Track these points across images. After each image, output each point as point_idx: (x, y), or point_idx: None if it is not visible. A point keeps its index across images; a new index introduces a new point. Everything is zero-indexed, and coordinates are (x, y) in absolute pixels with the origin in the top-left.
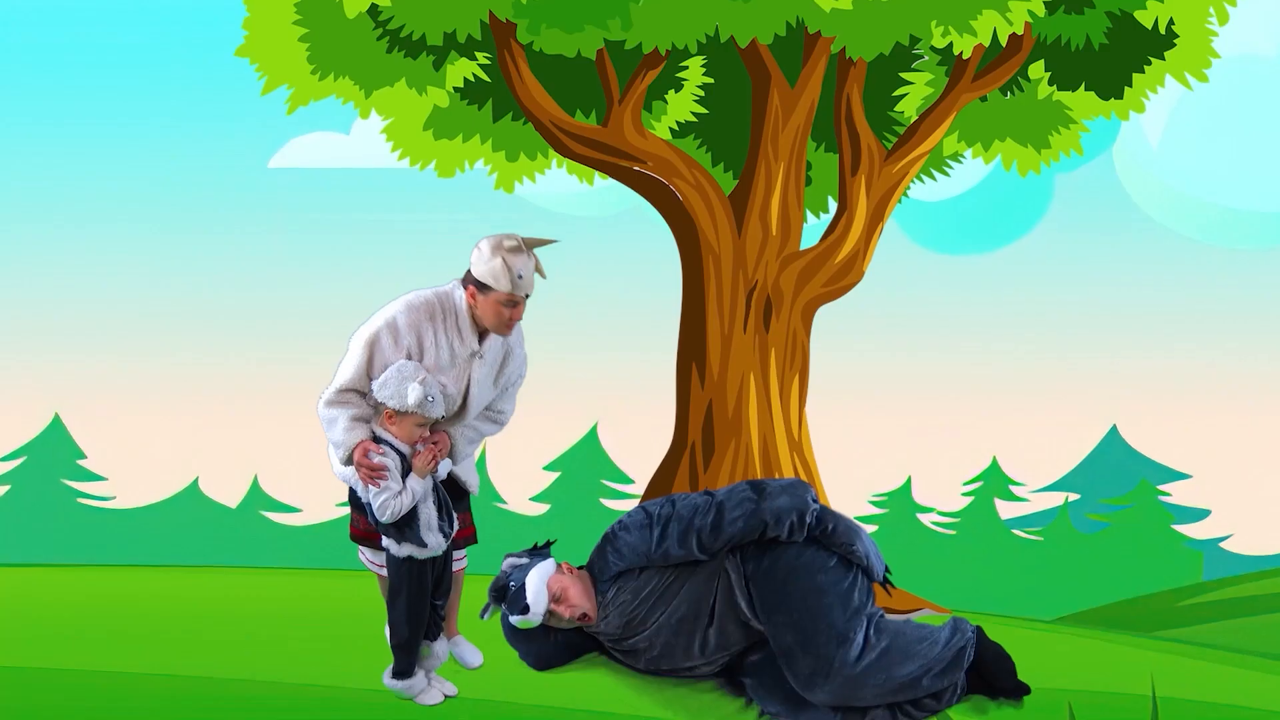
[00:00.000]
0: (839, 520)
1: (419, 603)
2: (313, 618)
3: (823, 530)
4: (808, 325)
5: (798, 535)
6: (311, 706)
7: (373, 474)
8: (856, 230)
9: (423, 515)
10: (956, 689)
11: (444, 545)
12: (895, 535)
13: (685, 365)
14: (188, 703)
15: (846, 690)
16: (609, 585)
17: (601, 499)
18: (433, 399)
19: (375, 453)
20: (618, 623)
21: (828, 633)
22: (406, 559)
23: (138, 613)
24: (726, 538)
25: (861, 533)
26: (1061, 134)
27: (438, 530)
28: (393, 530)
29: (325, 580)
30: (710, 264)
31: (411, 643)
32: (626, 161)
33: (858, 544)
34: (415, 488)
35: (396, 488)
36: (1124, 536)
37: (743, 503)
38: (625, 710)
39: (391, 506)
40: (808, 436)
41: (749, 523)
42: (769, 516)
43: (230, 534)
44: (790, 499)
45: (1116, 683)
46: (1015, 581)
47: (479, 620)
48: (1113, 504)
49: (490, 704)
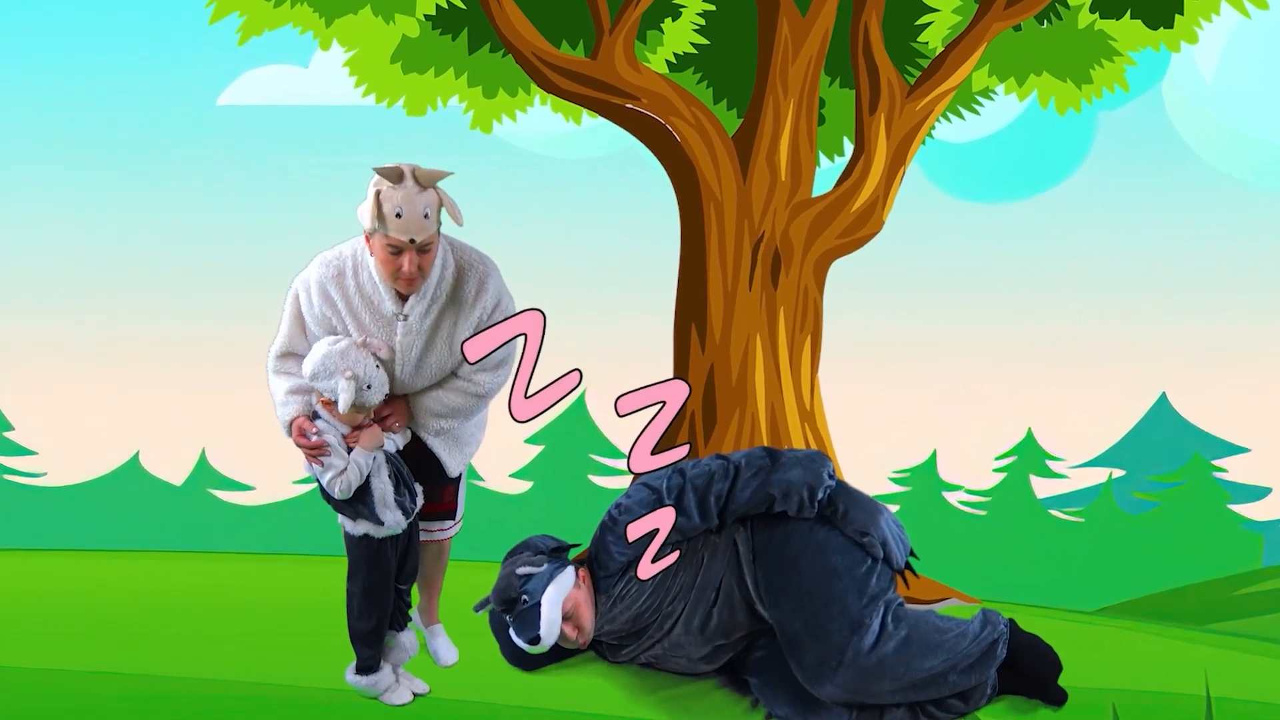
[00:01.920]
0: (854, 501)
1: (380, 588)
2: (268, 608)
3: (833, 511)
4: (821, 281)
5: (806, 512)
6: (268, 708)
7: (313, 453)
8: (875, 175)
9: (375, 490)
10: (986, 688)
11: (403, 523)
12: (919, 516)
13: (684, 326)
14: (126, 703)
15: (859, 683)
16: (615, 580)
17: (590, 476)
18: (369, 386)
19: (312, 430)
20: (626, 619)
21: (840, 618)
22: (363, 537)
23: (70, 602)
24: (734, 508)
25: (881, 515)
26: (1105, 67)
27: (394, 506)
28: (347, 507)
29: (282, 566)
30: (712, 213)
31: (374, 634)
32: (618, 98)
33: (873, 530)
34: (361, 460)
35: (341, 464)
36: (1174, 517)
37: (757, 471)
38: (621, 713)
39: (340, 483)
40: (820, 406)
41: (755, 494)
42: (776, 489)
43: (175, 514)
44: (803, 472)
45: (1166, 681)
46: (1053, 568)
47: (457, 609)
48: (1162, 481)
49: (467, 705)
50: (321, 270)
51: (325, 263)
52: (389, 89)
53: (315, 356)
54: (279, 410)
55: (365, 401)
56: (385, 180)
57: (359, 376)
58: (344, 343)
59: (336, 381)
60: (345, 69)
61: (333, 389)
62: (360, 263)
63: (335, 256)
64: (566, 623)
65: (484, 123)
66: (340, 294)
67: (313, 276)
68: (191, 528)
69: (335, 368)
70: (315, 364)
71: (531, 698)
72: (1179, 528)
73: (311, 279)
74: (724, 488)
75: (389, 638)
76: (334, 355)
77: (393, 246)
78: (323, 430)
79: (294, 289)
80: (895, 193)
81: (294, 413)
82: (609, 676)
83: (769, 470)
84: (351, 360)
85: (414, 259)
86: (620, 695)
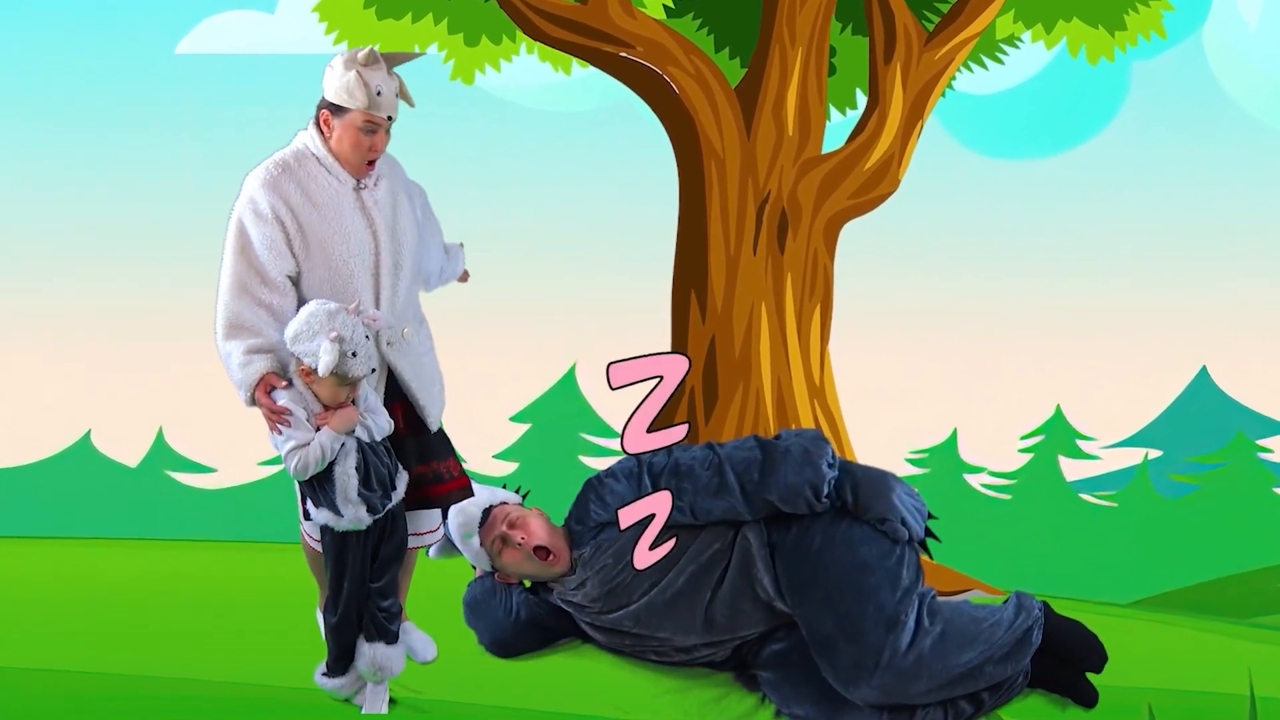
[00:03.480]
0: (860, 482)
1: (340, 583)
2: (231, 600)
3: (844, 503)
4: (831, 245)
5: (816, 509)
6: (233, 709)
7: (275, 417)
8: (890, 130)
9: (338, 480)
10: (1019, 678)
11: (366, 520)
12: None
13: (683, 294)
14: (75, 703)
15: (897, 685)
16: (588, 539)
17: (581, 456)
18: (355, 353)
19: (280, 389)
20: (596, 592)
21: (875, 616)
22: (324, 526)
23: (14, 594)
24: (721, 510)
25: (894, 491)
26: (1140, 13)
27: (358, 501)
28: (309, 488)
29: (246, 554)
30: (713, 171)
31: (336, 632)
32: (611, 46)
33: (889, 513)
34: (326, 442)
35: (303, 438)
36: (1216, 502)
37: (749, 465)
38: (610, 713)
39: (298, 459)
40: (831, 380)
41: (750, 499)
42: (776, 495)
43: (130, 498)
44: (799, 468)
45: (1206, 679)
46: (1083, 557)
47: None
48: (1202, 462)
49: (444, 705)
50: (266, 177)
51: (266, 169)
52: (362, 36)
53: (300, 318)
54: (239, 374)
55: (348, 371)
56: (358, 62)
57: (344, 339)
58: (333, 305)
59: (319, 343)
60: (314, 14)
61: (314, 352)
62: (305, 154)
63: (275, 161)
64: (513, 529)
65: (465, 73)
66: (296, 185)
67: (254, 187)
68: (147, 513)
69: (321, 328)
70: (299, 324)
71: (522, 698)
72: (1220, 513)
73: (257, 194)
74: (712, 483)
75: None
76: (320, 315)
77: (370, 125)
78: (290, 401)
79: (235, 223)
80: (912, 149)
81: (259, 371)
82: (604, 676)
83: (763, 469)
84: (339, 323)
85: (383, 137)
86: (612, 690)
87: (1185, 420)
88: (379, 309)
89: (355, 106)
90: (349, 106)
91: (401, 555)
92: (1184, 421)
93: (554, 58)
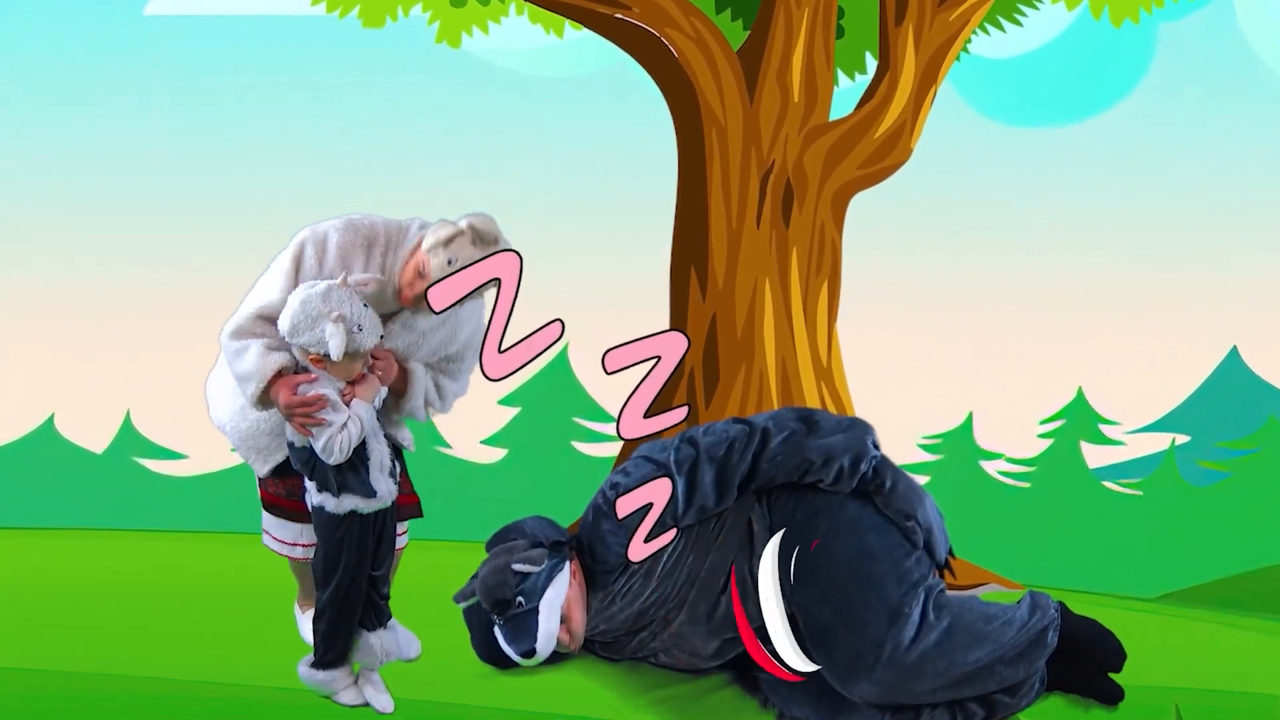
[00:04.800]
0: (900, 477)
1: (360, 572)
2: (204, 594)
3: (878, 485)
4: (839, 218)
5: (845, 484)
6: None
7: (307, 410)
8: (902, 96)
9: (374, 454)
10: (1034, 681)
11: (395, 493)
12: (952, 488)
13: (682, 270)
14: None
15: (898, 682)
16: (614, 576)
17: (574, 442)
18: (360, 328)
19: (305, 383)
20: (627, 616)
21: (877, 607)
22: (348, 516)
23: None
24: (764, 479)
25: (924, 500)
26: None
27: (389, 474)
28: (334, 477)
29: (219, 546)
30: (714, 139)
31: (342, 624)
32: (605, 7)
33: (918, 515)
34: (363, 414)
35: (342, 418)
36: (1247, 490)
37: (789, 435)
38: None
39: (340, 441)
40: (839, 361)
41: (790, 461)
42: (815, 455)
43: (96, 486)
44: (846, 438)
45: (1236, 678)
46: (1107, 548)
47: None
48: (1233, 448)
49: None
50: (349, 233)
51: (354, 226)
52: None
53: (292, 308)
54: (255, 363)
55: (359, 345)
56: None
57: (347, 317)
58: (322, 285)
59: (323, 329)
60: None
61: (319, 339)
62: (395, 242)
63: (369, 225)
64: (560, 626)
65: (452, 35)
66: (364, 262)
67: (334, 234)
68: (114, 502)
69: (319, 312)
70: (294, 315)
71: (514, 699)
72: (1252, 502)
73: (332, 235)
74: (747, 460)
75: (355, 637)
76: (314, 299)
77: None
78: (318, 388)
79: (298, 244)
80: (925, 116)
81: (277, 364)
82: (599, 674)
83: (803, 435)
84: (336, 301)
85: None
86: (611, 696)
87: (1215, 403)
88: None
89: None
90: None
91: (394, 540)
92: (1213, 405)
93: (545, 19)
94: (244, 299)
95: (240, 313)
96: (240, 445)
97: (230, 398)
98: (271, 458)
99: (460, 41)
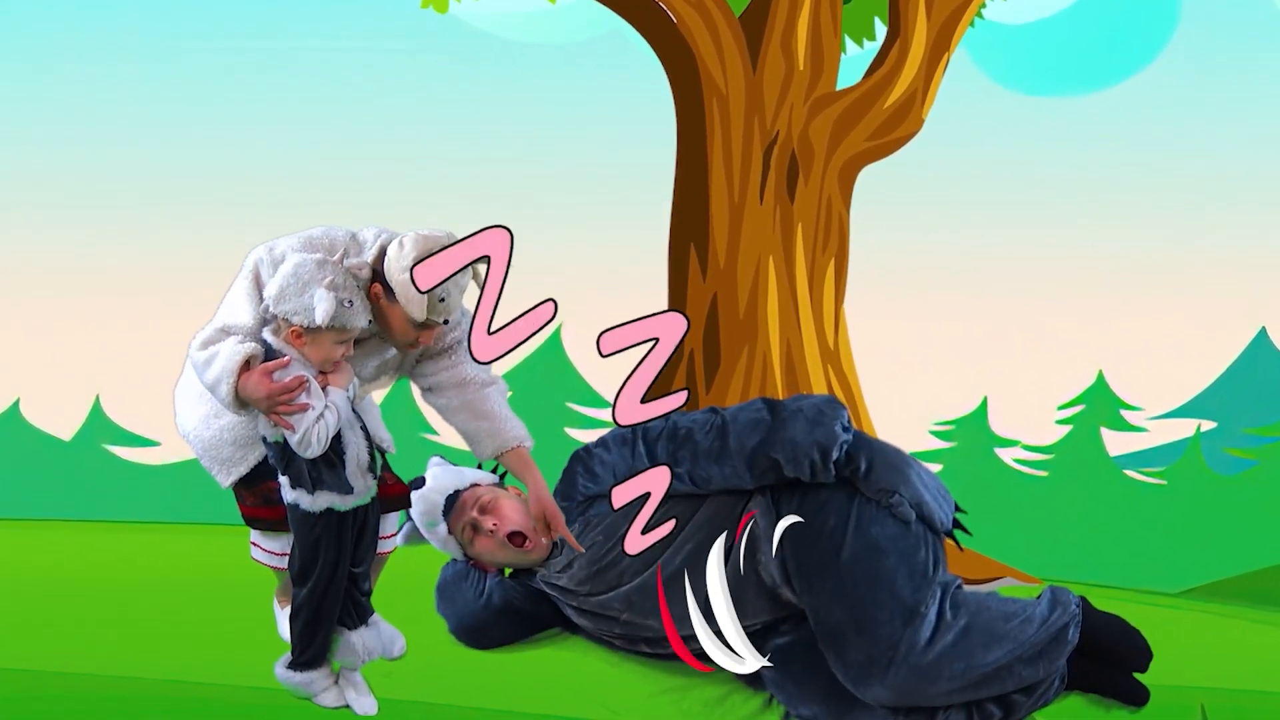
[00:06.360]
0: (876, 454)
1: (339, 570)
2: (176, 588)
3: (854, 470)
4: (847, 193)
5: (822, 476)
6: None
7: (287, 397)
8: (913, 64)
9: (351, 448)
10: (1054, 680)
11: (373, 490)
12: (966, 477)
13: (681, 247)
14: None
15: (914, 683)
16: (575, 516)
17: (566, 428)
18: (351, 303)
19: (280, 369)
20: (584, 573)
21: (891, 606)
22: (323, 514)
23: None
24: (722, 477)
25: (910, 470)
26: None
27: (367, 470)
28: (308, 472)
29: (192, 537)
30: (715, 109)
31: (320, 623)
32: None
33: (901, 488)
34: (339, 402)
35: (319, 406)
36: (1275, 478)
37: (756, 426)
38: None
39: (318, 431)
40: (846, 343)
41: (751, 459)
42: (780, 452)
43: (64, 475)
44: (810, 428)
45: (1264, 676)
46: (1129, 540)
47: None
48: (1260, 435)
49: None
50: (308, 251)
51: (311, 245)
52: None
53: (283, 272)
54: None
55: (347, 321)
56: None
57: (340, 286)
58: (317, 254)
59: (313, 294)
60: None
61: (306, 306)
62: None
63: (328, 242)
64: (484, 515)
65: (438, 0)
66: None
67: (290, 254)
68: (83, 491)
69: (311, 277)
70: (284, 278)
71: (505, 699)
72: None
73: (289, 256)
74: (713, 446)
75: (335, 635)
76: (308, 264)
77: (424, 325)
78: (295, 370)
79: (254, 259)
80: (937, 86)
81: (248, 351)
82: (594, 674)
83: (770, 427)
84: (330, 270)
85: (435, 335)
86: (599, 688)
87: (1242, 388)
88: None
89: (411, 312)
90: (403, 306)
91: (376, 536)
92: (1240, 389)
93: None
94: (208, 321)
95: (208, 327)
96: (203, 455)
97: (195, 404)
98: (234, 469)
99: (447, 6)
